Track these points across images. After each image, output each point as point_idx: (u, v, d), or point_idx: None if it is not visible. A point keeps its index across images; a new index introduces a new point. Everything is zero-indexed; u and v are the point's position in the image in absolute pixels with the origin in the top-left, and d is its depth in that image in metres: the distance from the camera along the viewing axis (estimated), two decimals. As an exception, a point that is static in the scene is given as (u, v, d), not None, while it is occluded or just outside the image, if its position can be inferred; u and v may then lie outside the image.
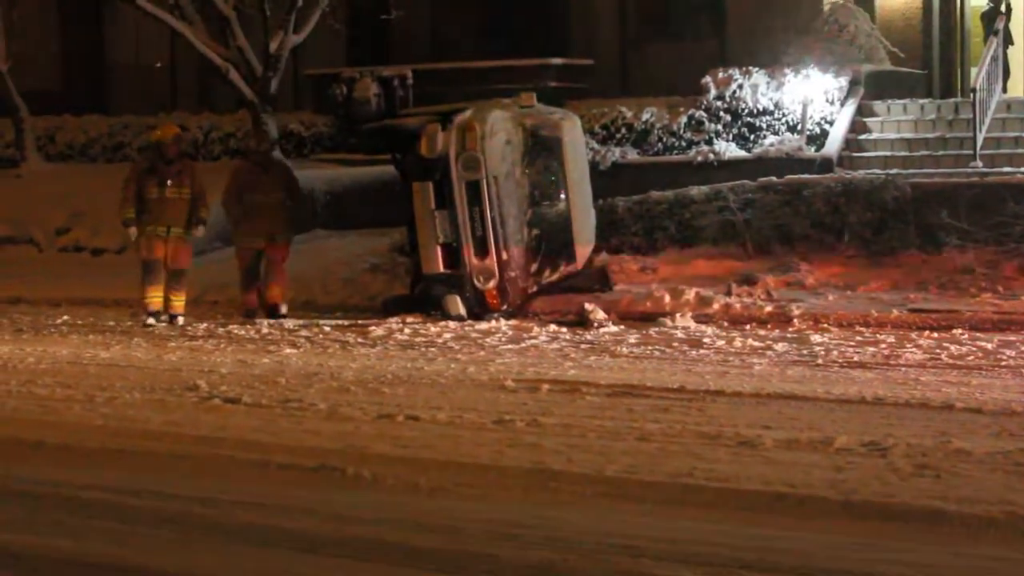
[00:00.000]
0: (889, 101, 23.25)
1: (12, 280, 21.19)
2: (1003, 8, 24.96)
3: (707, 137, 22.94)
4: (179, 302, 17.07)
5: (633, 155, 23.19)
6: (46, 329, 17.01)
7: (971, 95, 21.70)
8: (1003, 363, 12.31)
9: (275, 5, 24.30)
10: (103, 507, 8.27)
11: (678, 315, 15.49)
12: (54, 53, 32.65)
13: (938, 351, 13.02)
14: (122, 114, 29.87)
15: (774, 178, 19.51)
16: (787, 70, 22.92)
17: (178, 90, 31.39)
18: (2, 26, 27.86)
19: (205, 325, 16.89)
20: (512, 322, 15.78)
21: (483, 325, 15.69)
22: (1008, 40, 24.82)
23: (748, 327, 15.02)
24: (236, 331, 16.22)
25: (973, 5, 26.21)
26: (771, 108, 22.74)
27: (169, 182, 16.90)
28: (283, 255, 17.47)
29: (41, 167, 27.44)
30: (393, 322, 16.12)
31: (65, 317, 18.09)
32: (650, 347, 13.99)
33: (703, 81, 23.33)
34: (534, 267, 16.48)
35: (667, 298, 16.14)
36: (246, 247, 17.47)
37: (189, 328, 16.71)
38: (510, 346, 14.32)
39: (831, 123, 22.33)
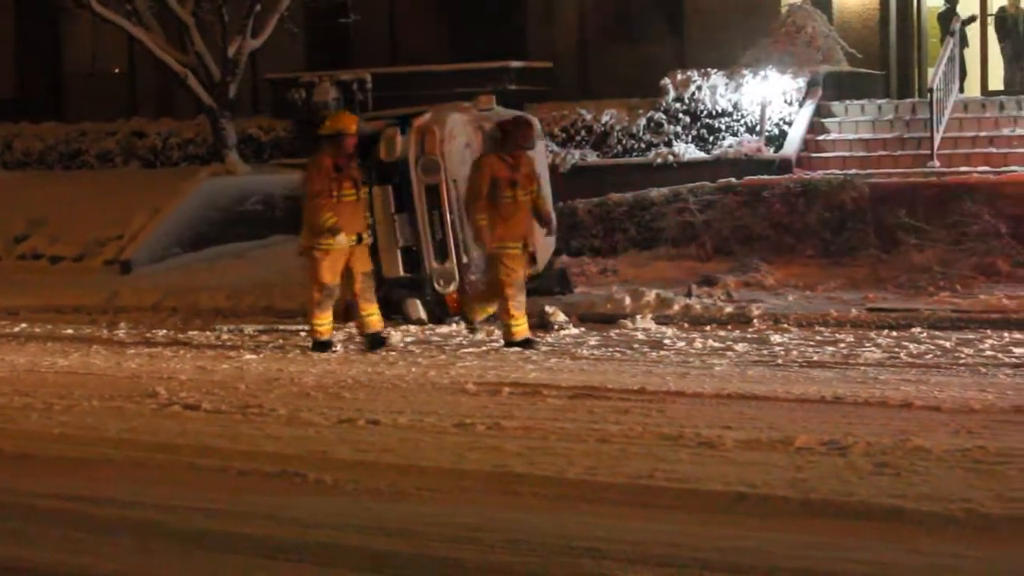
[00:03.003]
0: (847, 102, 23.33)
1: (34, 288, 21.03)
2: (959, 9, 25.12)
3: (666, 139, 22.98)
4: (377, 315, 14.87)
5: (593, 157, 23.20)
6: (3, 337, 16.92)
7: (928, 95, 21.80)
8: (961, 361, 12.36)
9: (233, 10, 24.28)
10: (62, 516, 8.23)
11: (638, 317, 15.52)
12: (10, 60, 32.50)
13: (897, 350, 13.07)
14: (79, 121, 29.71)
15: (733, 179, 19.60)
16: (745, 71, 22.98)
17: (136, 96, 31.21)
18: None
19: (165, 331, 16.83)
20: (473, 325, 15.77)
21: (444, 328, 15.68)
22: (964, 42, 24.96)
23: (708, 328, 15.04)
24: (196, 337, 16.17)
25: (929, 6, 26.33)
26: (730, 109, 22.81)
27: (357, 182, 14.76)
28: (529, 268, 14.92)
29: (-2, 175, 27.35)
30: (353, 327, 16.09)
31: (23, 325, 18.00)
32: (611, 349, 14.01)
33: (662, 83, 23.37)
34: (494, 270, 16.48)
35: (627, 300, 16.15)
36: (508, 253, 14.39)
37: (148, 335, 16.64)
38: (471, 349, 14.31)
39: (789, 124, 22.41)
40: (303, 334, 15.83)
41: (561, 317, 15.49)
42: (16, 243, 23.80)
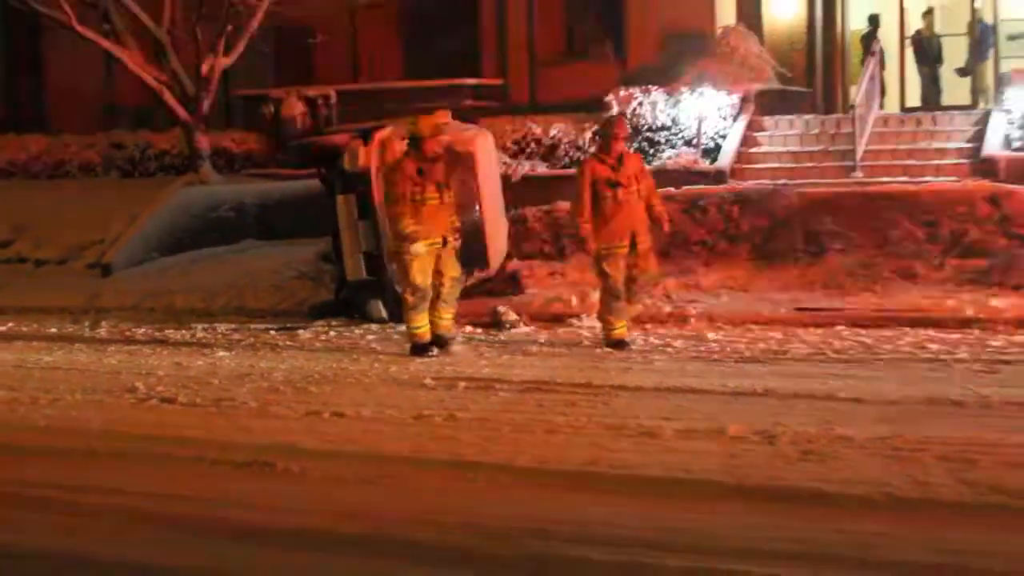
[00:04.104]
0: (777, 116, 23.43)
1: (20, 290, 20.92)
2: (878, 31, 25.31)
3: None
4: (451, 319, 14.06)
5: (542, 168, 23.20)
6: (-8, 336, 16.84)
7: (851, 111, 21.95)
8: (881, 356, 12.44)
9: (206, 30, 24.22)
10: (49, 502, 8.22)
11: (584, 316, 15.54)
12: (-3, 75, 32.37)
13: (822, 346, 13.13)
14: (62, 133, 29.59)
15: (672, 189, 19.58)
16: (683, 88, 23.05)
17: (117, 109, 31.08)
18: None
19: (143, 330, 16.77)
20: (431, 324, 15.78)
21: (403, 327, 15.65)
22: (883, 60, 25.12)
23: (649, 326, 15.05)
24: (172, 336, 16.12)
25: (852, 29, 26.49)
26: (669, 124, 22.87)
27: (441, 185, 13.56)
28: (647, 264, 13.79)
29: (-16, 185, 27.20)
30: (319, 325, 16.09)
31: (10, 324, 17.90)
32: (558, 346, 14.03)
33: (606, 99, 23.39)
34: (451, 273, 16.49)
35: (574, 300, 16.18)
36: (612, 254, 13.47)
37: (128, 333, 16.58)
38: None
39: (724, 137, 22.49)
40: (272, 333, 15.81)
41: (512, 316, 15.51)
42: (2, 247, 23.66)
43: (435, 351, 13.54)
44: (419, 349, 13.62)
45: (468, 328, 15.32)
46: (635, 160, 14.01)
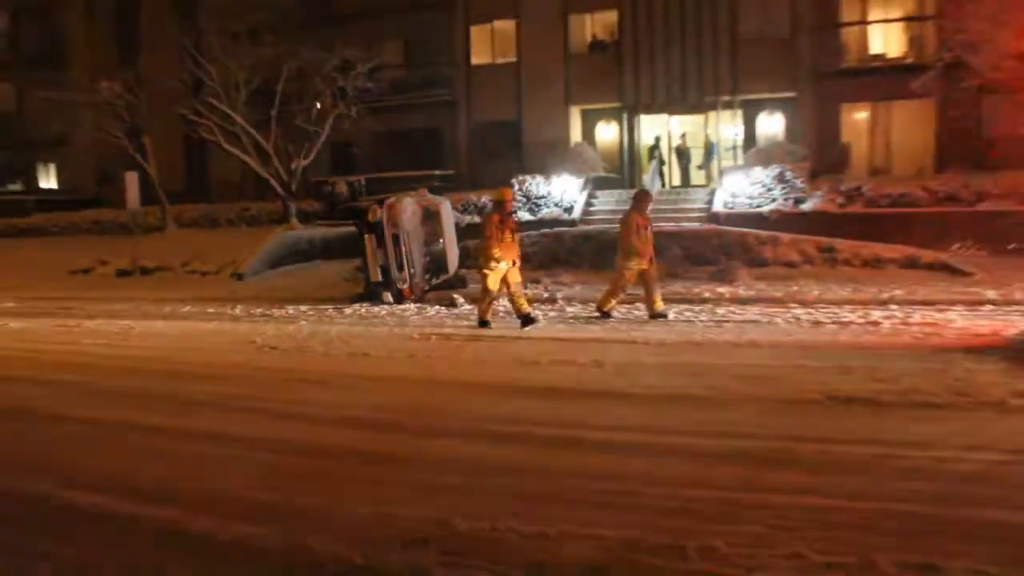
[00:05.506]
0: (604, 191, 23.56)
1: (193, 289, 20.58)
2: (659, 144, 25.51)
3: (515, 209, 23.00)
4: (527, 303, 12.48)
5: (476, 219, 23.15)
6: (179, 314, 16.49)
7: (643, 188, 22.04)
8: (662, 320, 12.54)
9: (294, 145, 24.14)
10: (210, 404, 8.12)
11: (501, 299, 15.50)
12: (181, 168, 31.85)
13: (629, 314, 13.22)
14: (217, 202, 29.36)
15: (547, 230, 19.65)
16: (554, 176, 23.12)
17: (245, 189, 30.76)
18: (153, 157, 27.36)
19: (259, 310, 16.53)
20: (417, 305, 15.68)
21: (401, 307, 15.58)
22: (662, 160, 25.36)
23: (536, 304, 15.07)
24: (275, 313, 15.89)
25: (643, 143, 26.69)
26: (545, 195, 22.91)
27: (514, 230, 12.38)
28: (656, 272, 12.91)
29: (175, 231, 26.85)
30: (356, 307, 15.95)
31: (188, 307, 17.56)
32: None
33: (512, 181, 23.38)
34: (427, 276, 16.43)
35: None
36: (635, 269, 12.66)
37: (251, 312, 16.33)
38: (416, 317, 14.22)
39: (575, 202, 22.61)
40: (330, 311, 15.65)
41: (461, 300, 15.43)
42: (183, 266, 23.35)
43: (492, 326, 12.27)
44: (483, 324, 12.41)
45: (437, 307, 15.25)
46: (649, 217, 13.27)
